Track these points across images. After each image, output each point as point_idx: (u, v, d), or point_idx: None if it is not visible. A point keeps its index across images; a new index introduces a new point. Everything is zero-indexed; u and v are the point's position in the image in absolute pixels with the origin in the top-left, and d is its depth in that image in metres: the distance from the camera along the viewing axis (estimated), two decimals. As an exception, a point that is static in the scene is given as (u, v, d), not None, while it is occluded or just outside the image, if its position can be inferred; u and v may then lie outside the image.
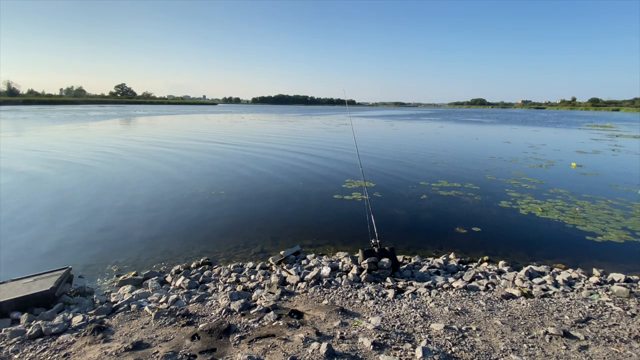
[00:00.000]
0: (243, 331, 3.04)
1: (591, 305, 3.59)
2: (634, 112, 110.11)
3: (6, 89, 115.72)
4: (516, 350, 2.77)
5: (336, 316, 3.31)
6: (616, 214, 7.19)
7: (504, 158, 14.55)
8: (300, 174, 10.85)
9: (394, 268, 4.53)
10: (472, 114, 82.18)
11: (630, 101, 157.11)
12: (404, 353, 2.68)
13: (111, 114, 53.98)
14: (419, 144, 19.59)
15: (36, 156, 13.19)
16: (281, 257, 4.97)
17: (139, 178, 10.07)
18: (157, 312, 3.39)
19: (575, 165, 12.87)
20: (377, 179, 10.22)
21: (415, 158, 14.36)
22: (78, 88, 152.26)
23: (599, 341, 2.92)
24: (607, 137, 24.89)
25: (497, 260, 5.13)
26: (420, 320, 3.24)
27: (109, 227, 6.26)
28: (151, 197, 8.10)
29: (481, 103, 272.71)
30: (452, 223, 6.68)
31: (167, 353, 2.69)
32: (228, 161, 13.08)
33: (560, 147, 18.83)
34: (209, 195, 8.35)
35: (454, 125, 38.49)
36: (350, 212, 7.24)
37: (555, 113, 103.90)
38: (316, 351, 2.66)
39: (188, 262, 4.99)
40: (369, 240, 5.05)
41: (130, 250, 5.35)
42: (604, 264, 5.00)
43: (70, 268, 4.32)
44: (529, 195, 8.55)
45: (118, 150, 15.29)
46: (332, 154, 14.96)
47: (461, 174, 11.11)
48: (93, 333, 3.03)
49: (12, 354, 2.79)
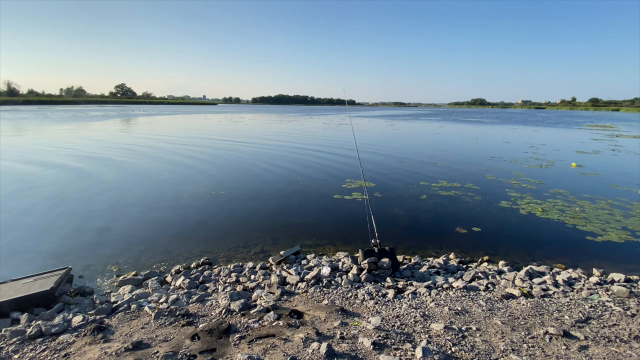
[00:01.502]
0: (243, 331, 3.04)
1: (591, 305, 3.58)
2: (634, 112, 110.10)
3: (6, 89, 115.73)
4: (516, 350, 2.77)
5: (336, 316, 3.31)
6: (616, 214, 7.19)
7: (504, 158, 14.55)
8: (300, 174, 10.84)
9: (394, 268, 4.53)
10: (472, 114, 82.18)
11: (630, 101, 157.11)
12: (404, 353, 2.68)
13: (111, 114, 53.99)
14: (419, 144, 19.59)
15: (36, 156, 13.19)
16: (281, 257, 4.96)
17: (139, 178, 10.07)
18: (157, 312, 3.39)
19: (575, 165, 12.87)
20: (377, 179, 10.22)
21: (415, 158, 14.36)
22: (78, 88, 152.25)
23: (599, 341, 2.92)
24: (607, 137, 24.89)
25: (497, 260, 5.13)
26: (420, 320, 3.24)
27: (109, 227, 6.26)
28: (151, 197, 8.10)
29: (481, 103, 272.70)
30: (452, 223, 6.68)
31: (167, 353, 2.69)
32: (228, 161, 13.08)
33: (560, 147, 18.83)
34: (209, 195, 8.35)
35: (454, 125, 38.48)
36: (350, 212, 7.24)
37: (555, 113, 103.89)
38: (316, 351, 2.66)
39: (188, 262, 4.99)
40: (369, 240, 5.05)
41: (130, 250, 5.35)
42: (604, 264, 5.01)
43: (70, 268, 4.32)
44: (529, 195, 8.55)
45: (117, 150, 15.29)
46: (332, 154, 14.96)
47: (461, 174, 11.11)
48: (93, 333, 3.03)
49: (12, 354, 2.79)
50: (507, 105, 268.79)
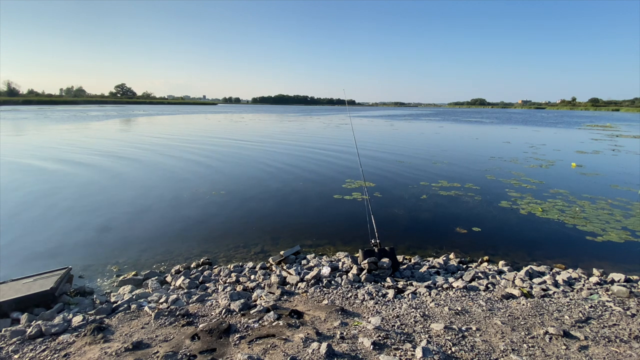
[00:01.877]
0: (243, 331, 3.04)
1: (591, 305, 3.58)
2: (634, 112, 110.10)
3: (6, 89, 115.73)
4: (516, 350, 2.77)
5: (336, 316, 3.31)
6: (616, 214, 7.19)
7: (504, 158, 14.55)
8: (300, 174, 10.85)
9: (394, 268, 4.53)
10: (472, 114, 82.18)
11: (630, 101, 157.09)
12: (404, 353, 2.68)
13: (111, 114, 53.98)
14: (419, 144, 19.59)
15: (36, 155, 13.19)
16: (281, 257, 4.96)
17: (139, 178, 10.07)
18: (157, 312, 3.39)
19: (575, 165, 12.87)
20: (377, 178, 10.22)
21: (415, 158, 14.36)
22: (78, 88, 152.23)
23: (599, 341, 2.92)
24: (607, 137, 24.89)
25: (497, 260, 5.13)
26: (420, 320, 3.24)
27: (109, 227, 6.26)
28: (151, 197, 8.10)
29: (481, 103, 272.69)
30: (452, 223, 6.68)
31: (167, 353, 2.69)
32: (228, 161, 13.08)
33: (560, 147, 18.83)
34: (209, 195, 8.35)
35: (454, 125, 38.48)
36: (350, 212, 7.24)
37: (555, 113, 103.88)
38: (316, 351, 2.66)
39: (188, 262, 4.99)
40: (369, 240, 5.05)
41: (130, 250, 5.35)
42: (604, 264, 5.01)
43: (70, 268, 4.32)
44: (529, 195, 8.55)
45: (117, 150, 15.29)
46: (332, 154, 14.96)
47: (461, 174, 11.11)
48: (93, 333, 3.03)
49: (12, 354, 2.79)
50: (507, 105, 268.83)
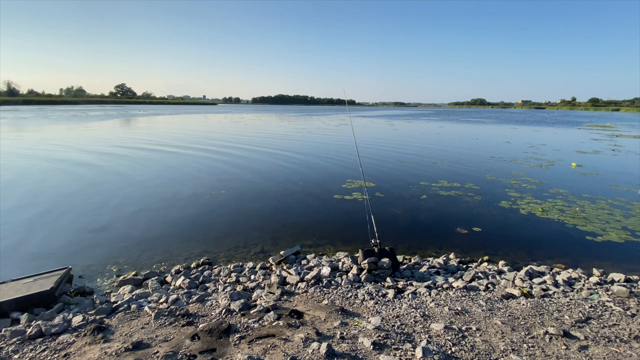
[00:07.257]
0: (243, 331, 3.04)
1: (591, 305, 3.58)
2: (634, 112, 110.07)
3: (6, 89, 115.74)
4: (516, 350, 2.77)
5: (336, 316, 3.31)
6: (616, 214, 7.19)
7: (504, 158, 14.55)
8: (301, 174, 10.84)
9: (394, 268, 4.53)
10: (472, 114, 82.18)
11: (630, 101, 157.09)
12: (404, 353, 2.68)
13: (111, 114, 53.98)
14: (419, 144, 19.58)
15: (36, 155, 13.19)
16: (281, 257, 4.96)
17: (139, 178, 10.07)
18: (157, 312, 3.39)
19: (575, 165, 12.87)
20: (377, 179, 10.22)
21: (415, 158, 14.36)
22: (78, 88, 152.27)
23: (599, 341, 2.92)
24: (607, 137, 24.89)
25: (497, 260, 5.13)
26: (420, 320, 3.24)
27: (109, 227, 6.26)
28: (151, 197, 8.10)
29: (481, 103, 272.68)
30: (452, 223, 6.68)
31: (167, 353, 2.69)
32: (228, 161, 13.08)
33: (560, 147, 18.83)
34: (209, 195, 8.35)
35: (454, 125, 38.48)
36: (350, 212, 7.24)
37: (555, 113, 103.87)
38: (316, 351, 2.66)
39: (188, 262, 4.99)
40: (369, 240, 5.05)
41: (130, 250, 5.35)
42: (604, 264, 5.00)
43: (70, 268, 4.32)
44: (529, 195, 8.54)
45: (117, 150, 15.29)
46: (332, 154, 14.96)
47: (461, 174, 11.10)
48: (93, 333, 3.03)
49: (12, 354, 2.79)
50: (507, 105, 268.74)
